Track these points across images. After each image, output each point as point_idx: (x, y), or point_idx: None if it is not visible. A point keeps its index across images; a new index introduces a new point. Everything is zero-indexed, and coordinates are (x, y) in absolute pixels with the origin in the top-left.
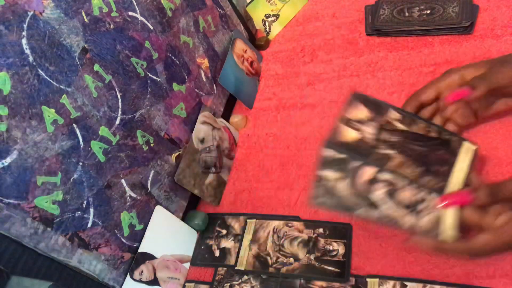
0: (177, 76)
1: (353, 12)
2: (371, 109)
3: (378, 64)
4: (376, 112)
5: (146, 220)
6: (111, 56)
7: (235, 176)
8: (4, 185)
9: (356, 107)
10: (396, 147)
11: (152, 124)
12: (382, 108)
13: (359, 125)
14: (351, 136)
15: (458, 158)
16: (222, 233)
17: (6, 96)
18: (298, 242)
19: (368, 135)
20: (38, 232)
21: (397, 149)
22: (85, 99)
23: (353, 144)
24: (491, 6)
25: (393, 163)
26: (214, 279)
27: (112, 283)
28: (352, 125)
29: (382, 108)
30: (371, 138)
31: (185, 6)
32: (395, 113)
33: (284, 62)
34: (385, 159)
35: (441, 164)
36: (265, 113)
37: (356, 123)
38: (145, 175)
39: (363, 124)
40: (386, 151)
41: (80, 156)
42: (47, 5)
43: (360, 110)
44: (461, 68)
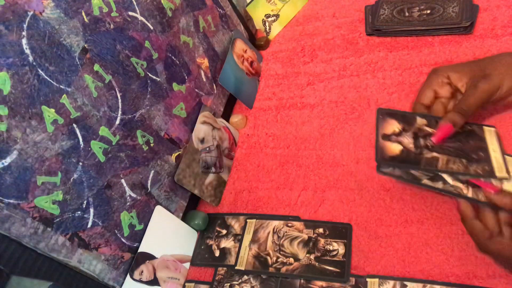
0: (177, 76)
1: (353, 12)
2: (400, 120)
3: (378, 64)
4: (406, 123)
5: (146, 220)
6: (111, 56)
7: (235, 176)
8: (4, 185)
9: (387, 122)
10: (436, 149)
11: (152, 124)
12: (410, 118)
13: (397, 138)
14: (396, 149)
15: (487, 142)
16: (222, 233)
17: (6, 96)
18: (298, 242)
19: (408, 145)
20: (38, 232)
21: (438, 151)
22: (85, 99)
23: (401, 156)
24: (491, 6)
25: (441, 163)
26: (214, 279)
27: (112, 283)
28: (392, 139)
29: (409, 118)
30: (412, 146)
31: (185, 6)
32: (421, 120)
33: (284, 62)
34: (434, 161)
35: (477, 151)
36: (265, 113)
37: (394, 136)
38: (145, 175)
39: (399, 136)
40: (430, 154)
41: (80, 156)
42: (47, 5)
43: (392, 124)
44: (446, 68)
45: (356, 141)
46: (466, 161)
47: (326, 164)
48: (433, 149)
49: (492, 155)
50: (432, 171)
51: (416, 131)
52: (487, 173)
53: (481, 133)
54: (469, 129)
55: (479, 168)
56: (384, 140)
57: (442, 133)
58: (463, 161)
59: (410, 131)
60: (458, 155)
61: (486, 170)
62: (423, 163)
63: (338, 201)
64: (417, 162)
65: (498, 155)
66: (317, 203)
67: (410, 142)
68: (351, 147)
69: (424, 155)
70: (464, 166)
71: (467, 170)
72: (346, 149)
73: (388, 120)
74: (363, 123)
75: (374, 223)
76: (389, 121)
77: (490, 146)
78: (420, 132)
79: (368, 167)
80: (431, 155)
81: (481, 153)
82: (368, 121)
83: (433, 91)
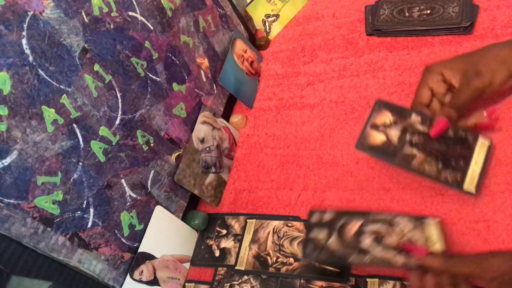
0: (177, 76)
1: (353, 12)
2: (395, 113)
3: (378, 64)
4: (400, 116)
5: (146, 220)
6: (111, 56)
7: (235, 176)
8: (4, 185)
9: (381, 113)
10: (418, 147)
11: (152, 124)
12: (405, 113)
13: (385, 129)
14: (379, 139)
15: (474, 153)
16: (222, 233)
17: (6, 96)
18: (298, 242)
19: (393, 137)
20: (38, 232)
21: (419, 148)
22: (85, 99)
23: (381, 146)
24: (491, 6)
25: (416, 161)
26: (214, 279)
27: (112, 283)
28: (379, 129)
29: (404, 113)
30: (396, 139)
31: (185, 6)
32: (416, 117)
33: (284, 62)
34: (410, 158)
35: (458, 159)
36: (265, 113)
37: (382, 127)
38: (145, 175)
39: (388, 127)
40: (409, 150)
41: (80, 156)
42: (47, 5)
43: (385, 115)
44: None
45: None
46: (442, 166)
47: (326, 164)
48: (416, 146)
49: (471, 167)
50: (405, 167)
51: (407, 126)
52: (456, 182)
53: (474, 143)
54: (463, 136)
55: (450, 176)
56: (371, 129)
57: (438, 127)
58: (438, 165)
59: (401, 125)
60: (438, 157)
61: (456, 180)
62: (398, 158)
63: (338, 201)
64: (393, 155)
65: (478, 169)
66: (317, 203)
67: (396, 134)
68: (351, 147)
69: (404, 149)
70: (438, 170)
71: (438, 175)
72: (346, 149)
73: (383, 111)
74: (363, 123)
75: None
76: (383, 112)
77: (474, 158)
78: (410, 128)
79: (368, 167)
80: (411, 151)
81: (461, 162)
82: None
83: (429, 90)
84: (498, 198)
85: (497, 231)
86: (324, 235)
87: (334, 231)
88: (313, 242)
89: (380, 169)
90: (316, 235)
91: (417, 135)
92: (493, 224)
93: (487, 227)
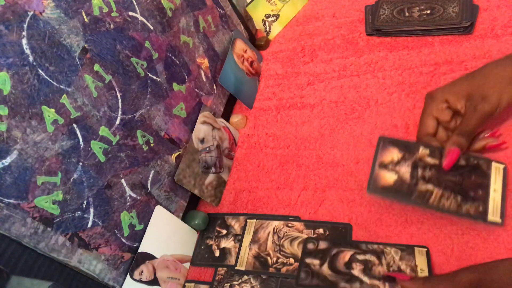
0: (177, 76)
1: (353, 12)
2: (401, 149)
3: (378, 64)
4: (407, 151)
5: (146, 220)
6: (111, 56)
7: (235, 176)
8: (4, 185)
9: (388, 150)
10: (432, 181)
11: (152, 124)
12: (412, 147)
13: (394, 167)
14: (391, 178)
15: (491, 180)
16: (222, 233)
17: (6, 96)
18: (298, 243)
19: (405, 174)
20: (38, 232)
21: (434, 183)
22: (85, 99)
23: (394, 186)
24: (491, 6)
25: (434, 197)
26: (214, 279)
27: (112, 283)
28: (388, 168)
29: (411, 147)
30: (408, 176)
31: (185, 6)
32: (424, 149)
33: (284, 62)
34: (427, 194)
35: (477, 189)
36: (265, 113)
37: (391, 165)
38: (145, 175)
39: (397, 164)
40: (424, 186)
41: (80, 156)
42: (47, 5)
43: (391, 152)
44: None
45: (356, 141)
46: (461, 198)
47: (326, 164)
48: (430, 181)
49: (491, 195)
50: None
51: (417, 161)
52: (479, 214)
53: (488, 169)
54: (476, 163)
55: (472, 208)
56: (380, 169)
57: (451, 158)
58: (458, 198)
59: (410, 160)
60: (455, 190)
61: (478, 211)
62: (415, 196)
63: (338, 201)
64: (409, 193)
65: (498, 197)
66: (317, 203)
67: (407, 171)
68: (351, 147)
69: (419, 186)
70: (458, 204)
71: (459, 209)
72: (346, 149)
73: (389, 148)
74: (363, 123)
75: (374, 223)
76: (390, 149)
77: (492, 185)
78: (420, 162)
79: (368, 167)
80: (426, 187)
81: (480, 191)
82: (368, 121)
83: (434, 119)
84: None
85: (497, 231)
86: (318, 262)
87: (328, 257)
88: (308, 266)
89: None
90: (311, 261)
91: (429, 169)
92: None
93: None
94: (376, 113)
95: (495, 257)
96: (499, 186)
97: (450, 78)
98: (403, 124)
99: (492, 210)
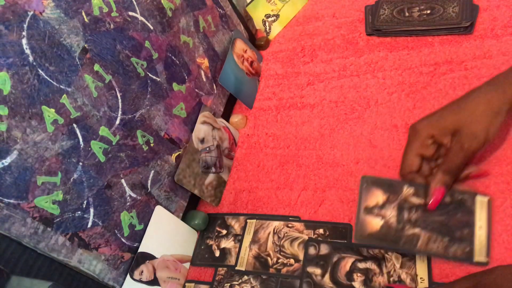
0: (177, 76)
1: (353, 12)
2: (386, 190)
3: (378, 64)
4: (391, 192)
5: (146, 220)
6: (111, 56)
7: (235, 176)
8: (4, 185)
9: (371, 193)
10: (419, 224)
11: (152, 124)
12: (396, 187)
13: (380, 211)
14: (377, 224)
15: (475, 217)
16: (222, 233)
17: (6, 96)
18: (298, 243)
19: (391, 219)
20: (38, 232)
21: (421, 226)
22: (85, 99)
23: (381, 232)
24: (491, 6)
25: (421, 242)
26: (214, 279)
27: (112, 283)
28: (373, 213)
29: (395, 187)
30: (394, 220)
31: (185, 6)
32: (408, 188)
33: (284, 62)
34: (414, 239)
35: (462, 228)
36: (265, 113)
37: (377, 209)
38: (145, 175)
39: (382, 208)
40: (412, 231)
41: (80, 156)
42: (47, 5)
43: (376, 194)
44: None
45: (356, 141)
46: (448, 240)
47: (326, 164)
48: (417, 224)
49: (477, 234)
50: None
51: (402, 202)
52: (466, 255)
53: (472, 204)
54: (460, 199)
55: (459, 250)
56: (365, 214)
57: (436, 198)
58: (444, 239)
59: (395, 202)
60: (442, 232)
61: (465, 252)
62: (402, 242)
63: (338, 201)
64: (397, 239)
65: (484, 234)
66: (317, 203)
67: (394, 215)
68: (351, 147)
69: (405, 231)
70: (445, 246)
71: (446, 252)
72: (346, 149)
73: (372, 190)
74: (363, 123)
75: None
76: (373, 192)
77: (477, 222)
78: (405, 204)
79: (368, 167)
80: (413, 231)
81: (465, 230)
82: (368, 121)
83: (418, 156)
84: (498, 198)
85: (497, 231)
86: (320, 272)
87: (329, 267)
88: (310, 277)
89: (380, 169)
90: (313, 270)
91: (415, 211)
92: (493, 224)
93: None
94: (376, 113)
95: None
96: (484, 223)
97: (450, 78)
98: (403, 124)
99: (478, 250)
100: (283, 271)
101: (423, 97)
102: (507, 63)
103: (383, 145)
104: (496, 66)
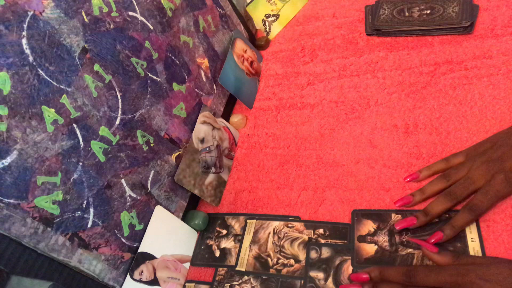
0: (177, 76)
1: (353, 12)
2: (375, 219)
3: (378, 64)
4: (381, 221)
5: (146, 220)
6: (111, 56)
7: (235, 176)
8: (4, 185)
9: (363, 223)
10: (411, 245)
11: (152, 124)
12: (384, 215)
13: (372, 238)
14: (372, 250)
15: (466, 230)
16: (222, 233)
17: (6, 96)
18: (298, 243)
19: (384, 243)
20: (38, 232)
21: (413, 246)
22: (85, 99)
23: (376, 256)
24: (491, 6)
25: (416, 259)
26: (214, 279)
27: (112, 283)
28: (367, 240)
29: (384, 215)
30: (387, 244)
31: (185, 6)
32: (396, 216)
33: (284, 62)
34: (409, 258)
35: (454, 242)
36: (265, 113)
37: (369, 237)
38: (145, 175)
39: (375, 235)
40: (405, 251)
41: (80, 156)
42: (47, 5)
43: (367, 224)
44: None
45: (356, 141)
46: None
47: (326, 164)
48: (409, 245)
49: (470, 246)
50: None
51: (391, 227)
52: None
53: None
54: (447, 216)
55: None
56: (360, 242)
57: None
58: None
59: (385, 229)
60: None
61: None
62: (398, 262)
63: (338, 201)
64: (392, 260)
65: (477, 245)
66: (317, 203)
67: (385, 239)
68: (351, 147)
69: (399, 252)
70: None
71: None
72: (346, 149)
73: (363, 221)
74: (363, 123)
75: None
76: (364, 222)
77: (468, 236)
78: (395, 229)
79: (368, 167)
80: (406, 251)
81: (458, 244)
82: (368, 121)
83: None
84: None
85: (497, 231)
86: (323, 275)
87: (332, 270)
88: (313, 282)
89: (380, 169)
90: (315, 274)
91: (405, 233)
92: (493, 223)
93: (486, 227)
94: (376, 113)
95: None
96: (475, 235)
97: (450, 78)
98: (403, 124)
99: None
100: (283, 271)
101: (423, 97)
102: (507, 63)
103: (383, 145)
104: (496, 66)
